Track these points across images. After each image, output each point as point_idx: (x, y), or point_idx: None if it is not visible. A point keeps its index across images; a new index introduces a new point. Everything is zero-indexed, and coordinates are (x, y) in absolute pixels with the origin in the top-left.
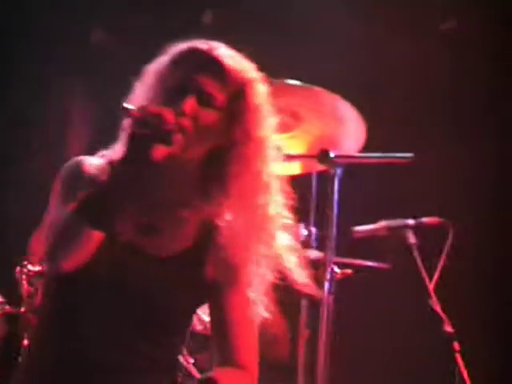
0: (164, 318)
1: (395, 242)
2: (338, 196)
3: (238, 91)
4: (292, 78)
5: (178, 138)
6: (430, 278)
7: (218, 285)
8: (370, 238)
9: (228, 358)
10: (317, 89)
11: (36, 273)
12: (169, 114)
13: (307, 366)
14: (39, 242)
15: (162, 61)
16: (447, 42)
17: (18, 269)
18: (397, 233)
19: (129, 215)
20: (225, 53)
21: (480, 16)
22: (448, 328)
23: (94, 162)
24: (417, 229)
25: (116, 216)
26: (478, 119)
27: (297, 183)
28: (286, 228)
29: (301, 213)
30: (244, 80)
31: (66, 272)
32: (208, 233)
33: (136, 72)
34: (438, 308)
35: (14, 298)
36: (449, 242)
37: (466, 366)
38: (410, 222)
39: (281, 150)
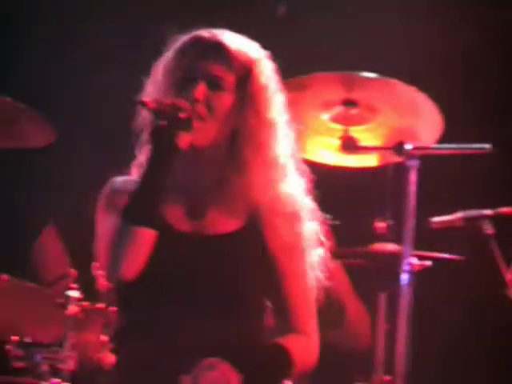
0: (238, 296)
1: (472, 232)
2: (414, 188)
3: (245, 74)
4: (367, 70)
5: (197, 124)
6: (508, 269)
7: (276, 259)
8: (447, 229)
9: (290, 326)
10: (393, 81)
11: None
12: (183, 103)
13: (386, 359)
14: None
15: (167, 55)
16: None
17: (95, 263)
18: (474, 223)
19: (172, 205)
20: (228, 36)
21: None
22: None
23: (126, 177)
24: (494, 219)
25: (158, 209)
26: None
27: (374, 175)
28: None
29: (378, 205)
30: (250, 60)
31: (129, 279)
32: (257, 212)
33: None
34: None
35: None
36: None
37: None
38: (488, 212)
39: (291, 126)
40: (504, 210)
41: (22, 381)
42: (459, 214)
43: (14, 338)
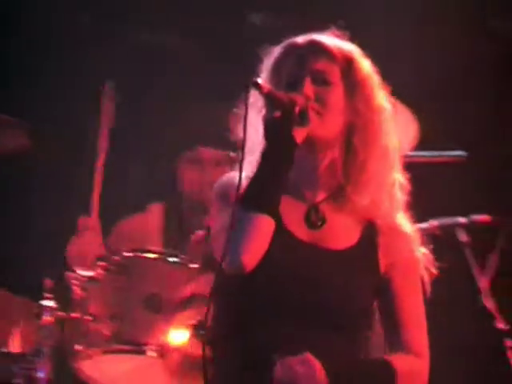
0: (345, 312)
1: (447, 240)
2: None
3: (348, 64)
4: None
5: (313, 118)
6: (483, 276)
7: (389, 277)
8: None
9: (401, 346)
10: None
11: (89, 278)
12: (298, 97)
13: None
14: (87, 245)
15: (266, 65)
16: (495, 40)
17: (69, 274)
18: (448, 231)
19: (289, 210)
20: (320, 36)
21: None
22: (500, 325)
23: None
24: (469, 227)
25: (277, 198)
26: None
27: None
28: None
29: None
30: (350, 54)
31: (249, 268)
32: (372, 231)
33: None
34: (490, 305)
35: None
36: (501, 240)
37: None
38: (462, 220)
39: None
40: (478, 218)
41: None
42: (434, 222)
43: None
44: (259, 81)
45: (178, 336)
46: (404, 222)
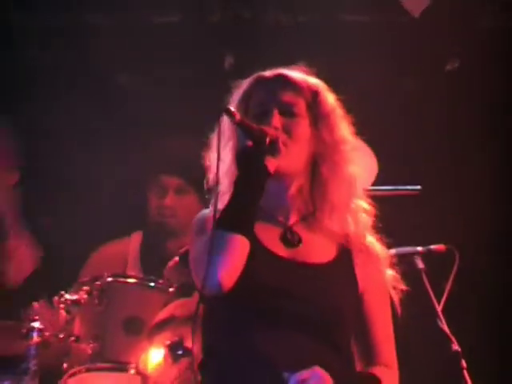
0: (331, 324)
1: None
2: None
3: (313, 96)
4: None
5: (282, 149)
6: (438, 301)
7: (363, 296)
8: None
9: (374, 359)
10: None
11: (73, 301)
12: (269, 128)
13: None
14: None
15: (233, 99)
16: (451, 81)
17: (55, 298)
18: (406, 259)
19: (265, 230)
20: (287, 70)
21: (482, 56)
22: (455, 347)
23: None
24: (425, 255)
25: (251, 219)
26: (477, 155)
27: None
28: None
29: None
30: (315, 87)
31: (226, 288)
32: (347, 250)
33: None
34: (445, 328)
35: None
36: (455, 267)
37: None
38: (419, 249)
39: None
40: (433, 247)
41: None
42: (393, 251)
43: None
44: (231, 108)
45: (156, 355)
46: (374, 242)
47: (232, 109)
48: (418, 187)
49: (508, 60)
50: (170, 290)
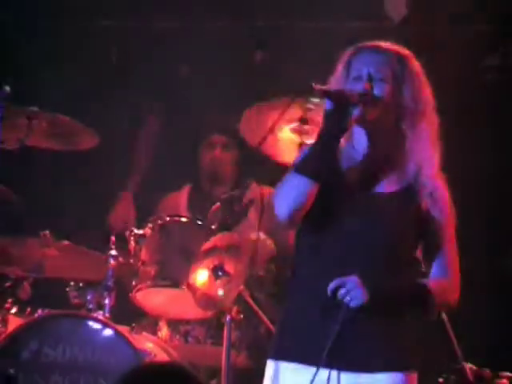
0: (395, 249)
1: None
2: None
3: (400, 64)
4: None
5: (366, 107)
6: None
7: (430, 217)
8: None
9: (439, 271)
10: None
11: (140, 235)
12: (349, 92)
13: None
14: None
15: (339, 64)
16: None
17: (127, 233)
18: None
19: (351, 168)
20: (382, 42)
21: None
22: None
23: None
24: None
25: (324, 167)
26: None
27: None
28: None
29: None
30: (401, 55)
31: (293, 219)
32: (416, 179)
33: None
34: None
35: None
36: None
37: None
38: None
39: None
40: None
41: (77, 313)
42: None
43: (71, 283)
44: (315, 86)
45: (202, 275)
46: (440, 183)
47: (315, 86)
48: None
49: None
50: (213, 227)
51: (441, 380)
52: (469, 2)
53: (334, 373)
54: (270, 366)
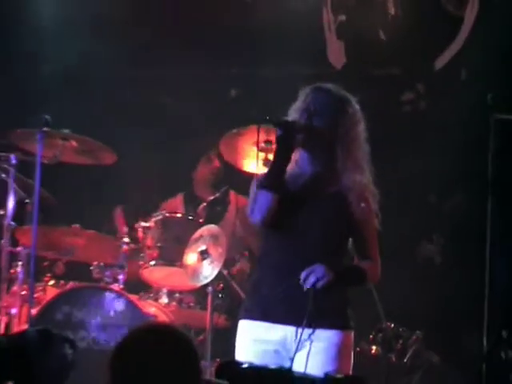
0: (332, 237)
1: None
2: None
3: (339, 104)
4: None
5: (306, 135)
6: None
7: (355, 212)
8: None
9: (364, 255)
10: None
11: (146, 227)
12: (296, 122)
13: None
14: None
15: (299, 98)
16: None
17: (136, 224)
18: None
19: (299, 179)
20: (331, 85)
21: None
22: None
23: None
24: None
25: (281, 181)
26: None
27: None
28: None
29: None
30: (342, 97)
31: (263, 222)
32: (346, 189)
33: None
34: None
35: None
36: None
37: None
38: None
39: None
40: None
41: (98, 285)
42: None
43: (94, 263)
44: (268, 117)
45: (192, 257)
46: (366, 192)
47: (267, 117)
48: None
49: None
50: (200, 220)
51: (371, 336)
52: (389, 51)
53: (299, 329)
54: (241, 324)
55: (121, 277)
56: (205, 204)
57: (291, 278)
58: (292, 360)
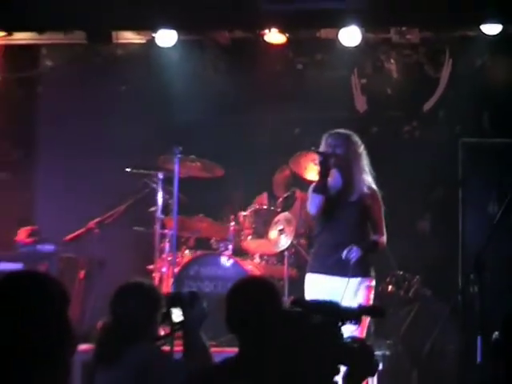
0: (355, 222)
1: None
2: None
3: (349, 140)
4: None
5: (331, 165)
6: None
7: (371, 209)
8: None
9: (376, 232)
10: None
11: (245, 215)
12: (329, 152)
13: None
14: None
15: (323, 140)
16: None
17: (239, 213)
18: None
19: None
20: (342, 130)
21: None
22: None
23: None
24: None
25: (327, 189)
26: None
27: None
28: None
29: None
30: (349, 136)
31: (317, 212)
32: (363, 195)
33: None
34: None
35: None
36: None
37: None
38: None
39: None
40: None
41: (215, 252)
42: None
43: (213, 238)
44: (314, 149)
45: (274, 233)
46: (376, 192)
47: (313, 149)
48: None
49: None
50: (278, 210)
51: (387, 280)
52: (393, 100)
53: (344, 278)
54: (307, 276)
55: (230, 247)
56: (281, 199)
57: (335, 247)
58: (341, 298)
